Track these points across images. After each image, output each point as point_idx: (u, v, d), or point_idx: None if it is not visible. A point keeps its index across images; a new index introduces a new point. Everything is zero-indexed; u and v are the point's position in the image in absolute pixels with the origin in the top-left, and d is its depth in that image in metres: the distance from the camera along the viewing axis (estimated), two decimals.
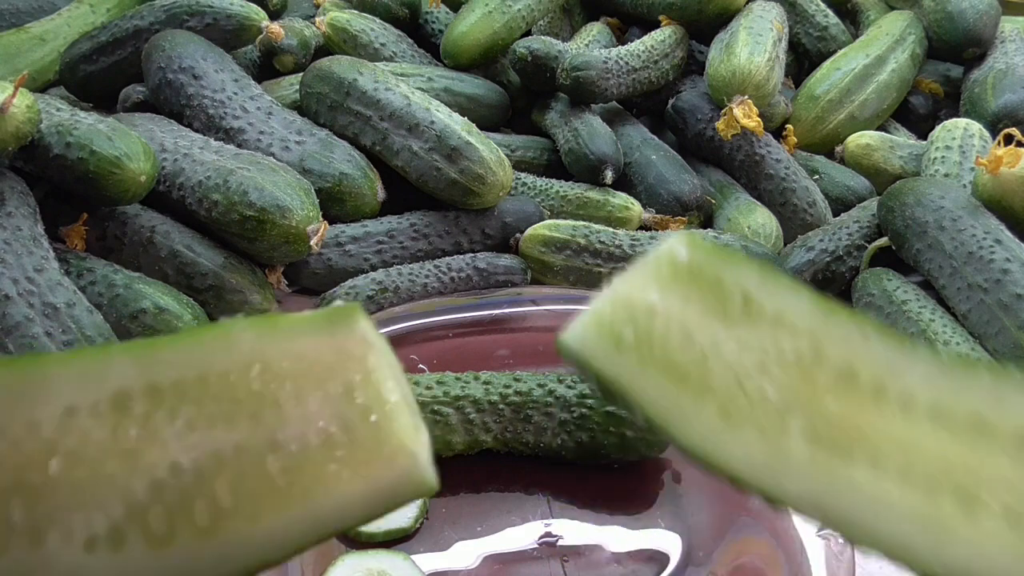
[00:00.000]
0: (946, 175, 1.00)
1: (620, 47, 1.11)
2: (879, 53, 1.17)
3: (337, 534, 0.32)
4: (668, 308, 0.32)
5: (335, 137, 0.96)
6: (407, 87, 0.97)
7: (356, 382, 0.34)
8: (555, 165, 1.08)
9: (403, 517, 0.62)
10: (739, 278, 0.32)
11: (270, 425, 0.32)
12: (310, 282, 0.91)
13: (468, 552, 0.62)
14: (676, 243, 0.34)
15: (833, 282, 0.95)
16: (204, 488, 0.31)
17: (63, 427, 0.29)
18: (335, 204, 0.92)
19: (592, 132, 1.03)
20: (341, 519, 0.32)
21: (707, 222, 1.03)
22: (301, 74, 1.04)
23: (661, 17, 1.17)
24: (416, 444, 0.33)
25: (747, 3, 1.13)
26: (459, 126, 0.92)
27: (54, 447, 0.29)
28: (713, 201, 1.03)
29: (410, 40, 1.21)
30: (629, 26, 1.30)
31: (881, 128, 1.19)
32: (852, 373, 0.30)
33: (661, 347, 0.32)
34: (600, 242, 0.90)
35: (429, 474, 0.33)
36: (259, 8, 1.09)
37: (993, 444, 0.29)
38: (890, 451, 0.29)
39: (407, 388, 0.34)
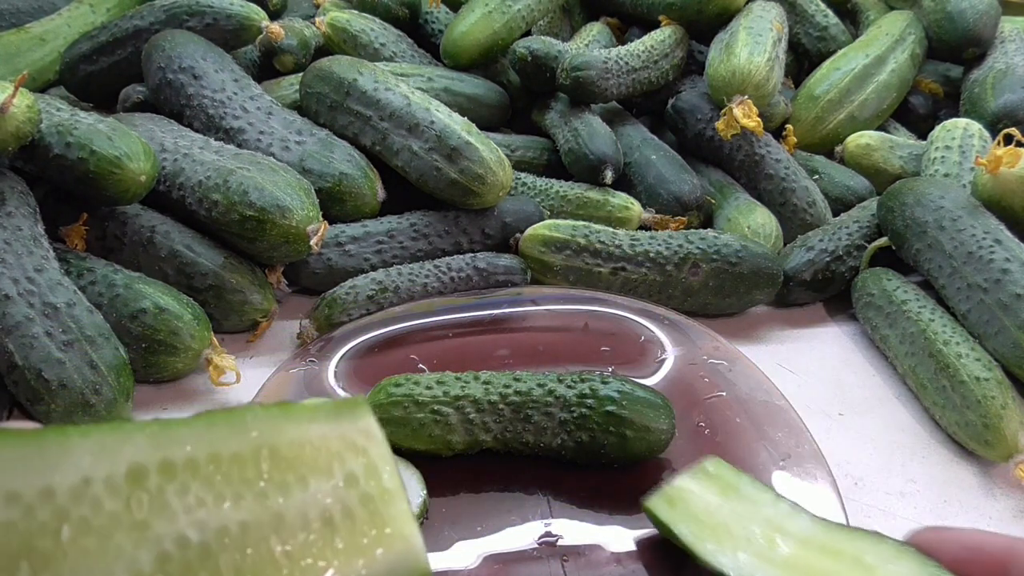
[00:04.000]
0: (946, 175, 1.00)
1: (620, 47, 1.11)
2: (879, 53, 1.17)
3: None
4: (698, 490, 0.60)
5: (335, 137, 0.96)
6: (407, 87, 0.97)
7: (358, 471, 0.36)
8: (555, 165, 1.08)
9: None
10: (731, 480, 0.60)
11: (276, 506, 0.34)
12: (310, 282, 0.91)
13: (468, 552, 0.62)
14: (707, 462, 0.61)
15: (833, 282, 0.95)
16: (209, 563, 0.32)
17: (77, 496, 0.30)
18: (335, 204, 0.92)
19: (592, 132, 1.03)
20: None
21: (707, 222, 1.03)
22: (301, 74, 1.04)
23: (661, 17, 1.17)
24: (411, 529, 0.36)
25: (747, 3, 1.13)
26: (459, 126, 0.92)
27: (66, 515, 0.30)
28: (713, 201, 1.03)
29: (410, 40, 1.21)
30: (629, 26, 1.31)
31: (881, 128, 1.19)
32: (785, 531, 0.55)
33: (693, 510, 0.59)
34: (600, 242, 0.90)
35: (423, 557, 0.36)
36: (259, 8, 1.09)
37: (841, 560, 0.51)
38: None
39: (400, 479, 0.38)
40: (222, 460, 0.33)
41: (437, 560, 0.61)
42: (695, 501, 0.60)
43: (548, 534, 0.63)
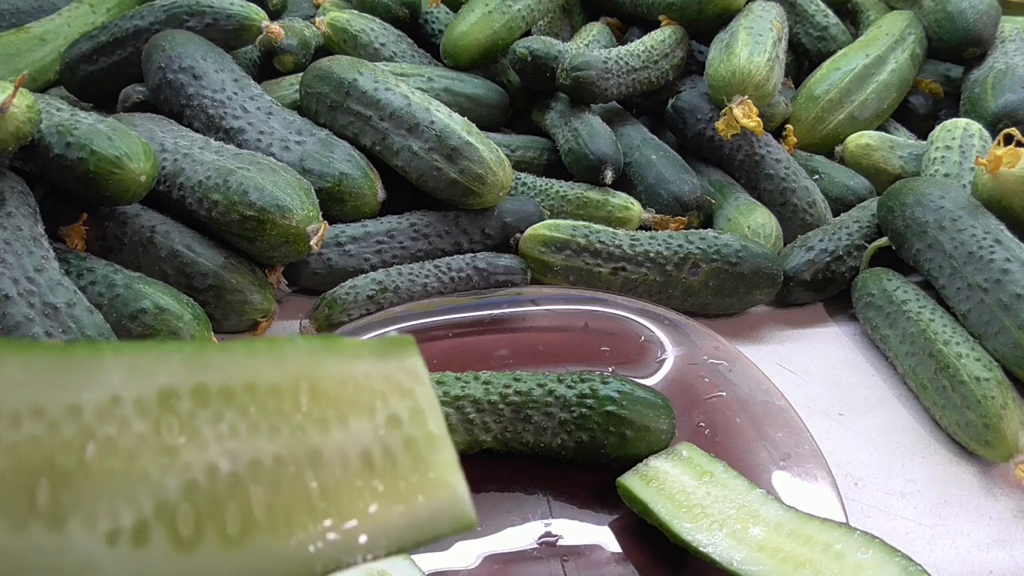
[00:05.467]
0: (946, 175, 1.00)
1: (620, 47, 1.11)
2: (879, 53, 1.17)
3: (367, 561, 0.32)
4: (673, 472, 0.63)
5: (335, 137, 0.96)
6: (407, 87, 0.97)
7: (402, 412, 0.34)
8: (555, 165, 1.08)
9: None
10: (706, 465, 0.63)
11: (313, 442, 0.32)
12: (310, 282, 0.91)
13: (468, 552, 0.62)
14: (682, 447, 0.66)
15: (833, 282, 0.95)
16: (239, 495, 0.30)
17: (105, 415, 0.29)
18: (335, 204, 0.92)
19: (592, 132, 1.03)
20: (374, 545, 0.32)
21: (707, 222, 1.03)
22: (301, 74, 1.04)
23: (661, 17, 1.17)
24: (456, 479, 0.34)
25: (747, 3, 1.13)
26: (459, 126, 0.92)
27: (92, 433, 0.28)
28: (713, 201, 1.03)
29: (410, 40, 1.21)
30: (629, 26, 1.31)
31: (881, 128, 1.19)
32: (759, 517, 0.58)
33: (669, 490, 0.62)
34: (600, 242, 0.90)
35: (469, 508, 0.34)
36: (259, 8, 1.09)
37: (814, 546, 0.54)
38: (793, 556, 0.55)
39: (446, 427, 0.35)
40: (259, 390, 0.32)
41: (437, 560, 0.61)
42: (670, 482, 0.62)
43: (548, 534, 0.63)
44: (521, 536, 0.63)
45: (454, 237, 0.94)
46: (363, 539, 0.32)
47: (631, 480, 0.63)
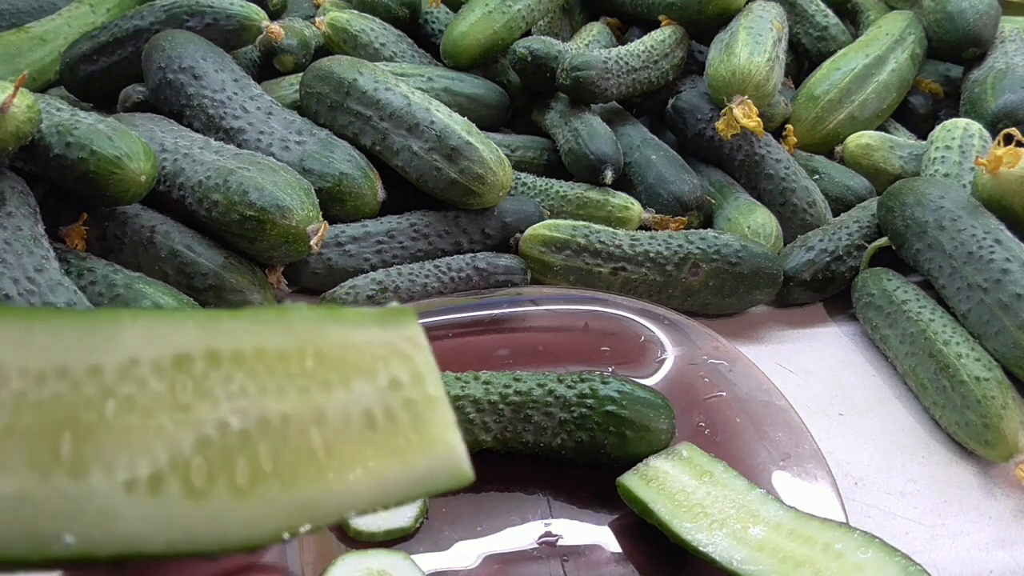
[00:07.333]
0: (946, 175, 1.00)
1: (620, 47, 1.11)
2: (879, 53, 1.17)
3: (370, 511, 0.35)
4: (673, 472, 0.63)
5: (335, 137, 0.96)
6: (407, 87, 0.97)
7: (402, 376, 0.37)
8: (555, 165, 1.08)
9: (403, 517, 0.62)
10: (706, 465, 0.63)
11: (318, 402, 0.35)
12: (310, 282, 0.91)
13: (468, 552, 0.62)
14: (682, 447, 0.65)
15: (833, 282, 0.95)
16: (248, 449, 0.33)
17: (124, 375, 0.31)
18: (335, 204, 0.92)
19: (592, 132, 1.03)
20: (375, 496, 0.34)
21: (707, 222, 1.03)
22: (301, 74, 1.04)
23: (661, 17, 1.17)
24: (454, 437, 0.36)
25: (747, 3, 1.13)
26: (459, 126, 0.92)
27: (112, 392, 0.31)
28: (713, 201, 1.03)
29: (410, 40, 1.21)
30: (629, 26, 1.30)
31: (881, 128, 1.19)
32: (758, 516, 0.58)
33: (669, 490, 0.62)
34: (600, 242, 0.90)
35: (466, 465, 0.36)
36: (259, 8, 1.09)
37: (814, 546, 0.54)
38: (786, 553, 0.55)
39: (444, 390, 0.38)
40: (267, 354, 0.34)
41: (437, 560, 0.61)
42: (670, 482, 0.62)
43: (548, 534, 0.63)
44: (521, 536, 0.63)
45: (454, 237, 0.94)
46: (365, 491, 0.34)
47: (631, 480, 0.63)
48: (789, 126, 1.12)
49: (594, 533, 0.64)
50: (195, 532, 0.31)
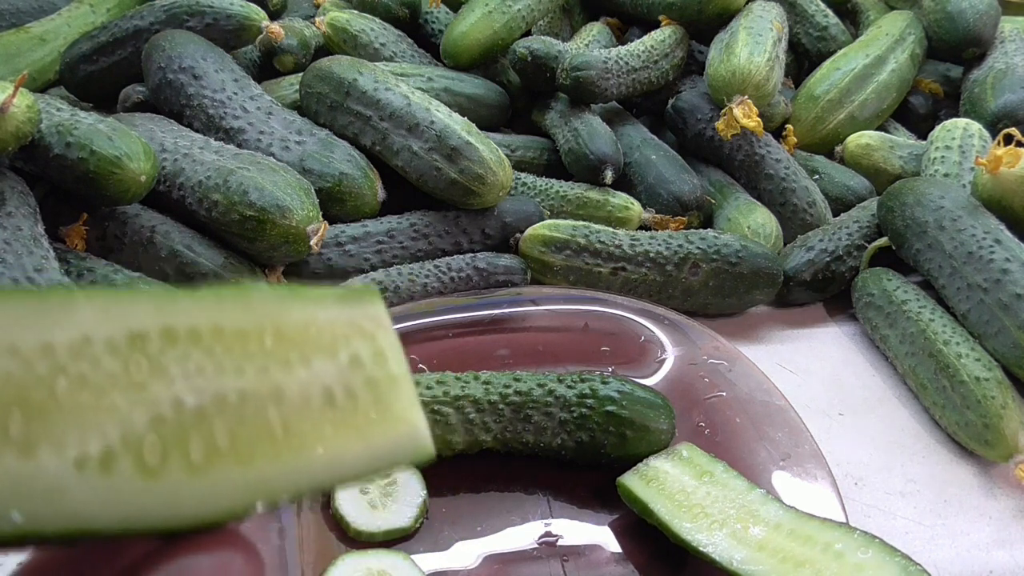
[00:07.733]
0: (946, 175, 1.00)
1: (620, 47, 1.11)
2: (879, 53, 1.17)
3: (331, 488, 0.36)
4: (673, 472, 0.63)
5: (335, 137, 0.96)
6: (407, 87, 0.97)
7: (364, 354, 0.36)
8: (555, 165, 1.08)
9: (403, 517, 0.62)
10: (706, 465, 0.63)
11: (277, 380, 0.34)
12: (310, 282, 0.91)
13: (468, 552, 0.62)
14: (682, 447, 0.65)
15: (833, 282, 0.95)
16: (203, 427, 0.32)
17: (76, 353, 0.31)
18: (335, 204, 0.92)
19: (592, 132, 1.03)
20: (335, 473, 0.34)
21: (707, 222, 1.03)
22: (301, 74, 1.04)
23: (661, 17, 1.17)
24: (415, 414, 0.36)
25: (747, 3, 1.13)
26: (459, 126, 0.92)
27: (64, 370, 0.30)
28: (713, 201, 1.03)
29: (410, 40, 1.21)
30: (629, 26, 1.30)
31: (881, 128, 1.19)
32: (758, 516, 0.58)
33: (669, 490, 0.62)
34: (600, 242, 0.90)
35: (427, 442, 0.36)
36: (259, 8, 1.09)
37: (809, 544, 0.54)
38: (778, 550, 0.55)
39: (407, 368, 0.37)
40: (225, 333, 0.34)
41: (437, 560, 0.61)
42: (670, 482, 0.62)
43: (548, 534, 0.63)
44: (521, 536, 0.63)
45: (454, 237, 0.94)
46: (323, 469, 0.34)
47: (631, 480, 0.63)
48: (789, 126, 1.12)
49: (594, 533, 0.64)
50: (148, 510, 0.30)
